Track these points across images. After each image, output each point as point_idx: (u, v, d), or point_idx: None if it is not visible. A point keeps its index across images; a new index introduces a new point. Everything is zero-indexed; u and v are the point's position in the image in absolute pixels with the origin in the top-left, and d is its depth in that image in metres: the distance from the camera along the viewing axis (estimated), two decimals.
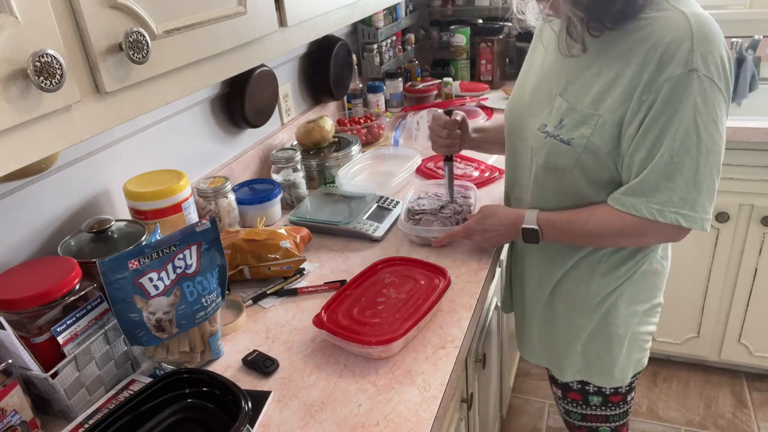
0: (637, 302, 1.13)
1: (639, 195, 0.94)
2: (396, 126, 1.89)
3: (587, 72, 0.99)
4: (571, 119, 0.99)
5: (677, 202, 0.92)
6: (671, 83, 0.89)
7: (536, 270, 1.19)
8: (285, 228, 1.27)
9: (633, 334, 1.14)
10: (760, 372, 2.15)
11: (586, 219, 1.02)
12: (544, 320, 1.21)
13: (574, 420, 1.31)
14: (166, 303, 0.89)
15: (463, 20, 2.43)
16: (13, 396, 0.81)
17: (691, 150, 0.90)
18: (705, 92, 0.88)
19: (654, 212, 0.93)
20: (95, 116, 0.66)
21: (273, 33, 0.99)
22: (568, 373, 1.20)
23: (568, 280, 1.13)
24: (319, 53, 1.87)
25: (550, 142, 1.01)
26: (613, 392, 1.21)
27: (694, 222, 0.93)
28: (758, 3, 2.20)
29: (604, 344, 1.14)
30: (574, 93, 1.00)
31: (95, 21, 0.63)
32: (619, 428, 1.29)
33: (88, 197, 1.14)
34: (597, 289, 1.11)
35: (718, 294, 1.99)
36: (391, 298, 1.05)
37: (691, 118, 0.89)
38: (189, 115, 1.39)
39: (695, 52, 0.88)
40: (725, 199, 1.86)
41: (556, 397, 1.32)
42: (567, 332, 1.17)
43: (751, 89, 2.09)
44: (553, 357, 1.23)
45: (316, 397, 0.90)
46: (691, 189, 0.91)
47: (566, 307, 1.15)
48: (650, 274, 1.12)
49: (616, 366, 1.16)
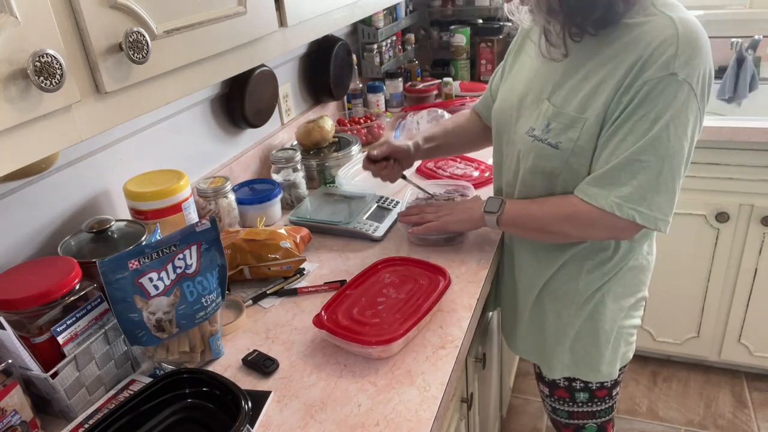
0: (624, 297, 1.15)
1: (602, 186, 0.96)
2: (396, 126, 1.90)
3: (575, 76, 1.00)
4: (558, 123, 1.00)
5: (637, 199, 0.94)
6: (650, 85, 0.90)
7: (526, 270, 1.20)
8: (285, 228, 1.27)
9: (619, 328, 1.16)
10: (760, 372, 2.15)
11: (544, 200, 1.05)
12: (533, 318, 1.22)
13: (560, 418, 1.32)
14: (166, 303, 0.89)
15: (463, 20, 2.43)
16: (13, 396, 0.81)
17: (657, 151, 0.91)
18: (679, 96, 0.90)
19: (613, 206, 0.95)
20: (95, 116, 0.66)
21: (273, 33, 0.99)
22: (557, 370, 1.22)
23: (556, 279, 1.15)
24: (319, 53, 1.87)
25: (538, 145, 1.03)
26: (599, 387, 1.23)
27: (648, 220, 0.94)
28: (758, 3, 2.20)
29: (592, 340, 1.16)
30: (561, 97, 1.01)
31: (95, 21, 0.63)
32: (605, 425, 1.31)
33: (88, 197, 1.14)
34: (585, 285, 1.12)
35: (718, 294, 2.00)
36: (391, 298, 1.05)
37: (664, 121, 0.91)
38: (189, 115, 1.39)
39: (678, 57, 0.89)
40: (725, 199, 1.86)
41: (543, 395, 1.33)
42: (555, 329, 1.18)
43: (751, 89, 2.09)
44: (542, 353, 1.24)
45: (316, 397, 0.90)
46: (652, 188, 0.93)
47: (555, 304, 1.17)
48: (636, 269, 1.14)
49: (603, 361, 1.17)
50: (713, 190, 1.86)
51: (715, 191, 1.86)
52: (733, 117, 1.88)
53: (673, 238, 1.94)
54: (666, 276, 2.00)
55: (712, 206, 1.87)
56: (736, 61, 2.08)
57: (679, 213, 1.91)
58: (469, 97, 2.20)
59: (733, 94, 2.11)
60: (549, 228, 1.05)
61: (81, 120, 0.64)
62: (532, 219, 1.07)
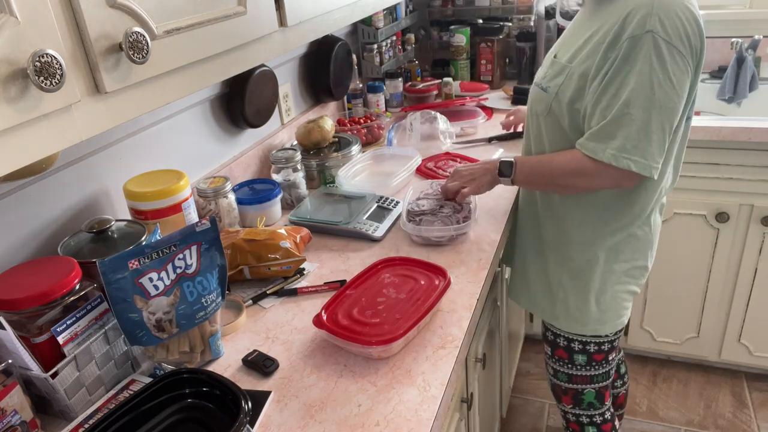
0: (617, 261, 1.24)
1: (598, 141, 1.06)
2: (390, 127, 1.91)
3: (577, 35, 1.15)
4: (553, 71, 1.16)
5: (630, 149, 1.03)
6: (630, 42, 1.00)
7: (529, 228, 1.35)
8: (285, 228, 1.27)
9: (612, 291, 1.27)
10: (760, 372, 2.15)
11: (552, 157, 1.17)
12: (532, 269, 1.35)
13: (561, 381, 1.41)
14: (166, 303, 0.89)
15: (463, 20, 2.43)
16: (13, 396, 0.81)
17: (643, 103, 1.01)
18: (661, 52, 0.99)
19: (610, 157, 1.04)
20: (95, 116, 0.66)
21: (273, 33, 0.99)
22: (548, 314, 1.34)
23: (556, 235, 1.28)
24: (319, 53, 1.87)
25: (536, 90, 1.21)
26: (597, 350, 1.33)
27: (643, 168, 1.04)
28: (758, 3, 2.20)
29: (581, 295, 1.27)
30: (563, 51, 1.16)
31: (95, 21, 0.63)
32: (602, 390, 1.40)
33: (88, 197, 1.14)
34: (579, 243, 1.24)
35: (718, 294, 1.99)
36: (391, 298, 1.05)
37: (646, 75, 1.00)
38: (189, 115, 1.39)
39: (653, 16, 0.99)
40: (725, 199, 1.86)
41: (546, 356, 1.44)
42: (550, 280, 1.31)
43: (751, 89, 2.09)
44: (537, 301, 1.36)
45: (316, 397, 0.90)
46: (642, 138, 1.02)
47: (552, 257, 1.30)
48: (633, 237, 1.23)
49: (591, 317, 1.28)
50: (713, 190, 1.86)
51: (715, 191, 1.86)
52: (733, 117, 1.88)
53: (673, 238, 1.94)
54: (666, 276, 2.00)
55: (712, 206, 1.87)
56: (736, 61, 2.08)
57: (679, 213, 1.91)
58: (469, 97, 2.20)
59: (733, 94, 2.10)
60: (558, 182, 1.16)
61: (81, 120, 0.64)
62: (542, 176, 1.18)
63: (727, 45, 2.12)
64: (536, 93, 1.21)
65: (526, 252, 1.37)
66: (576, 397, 1.41)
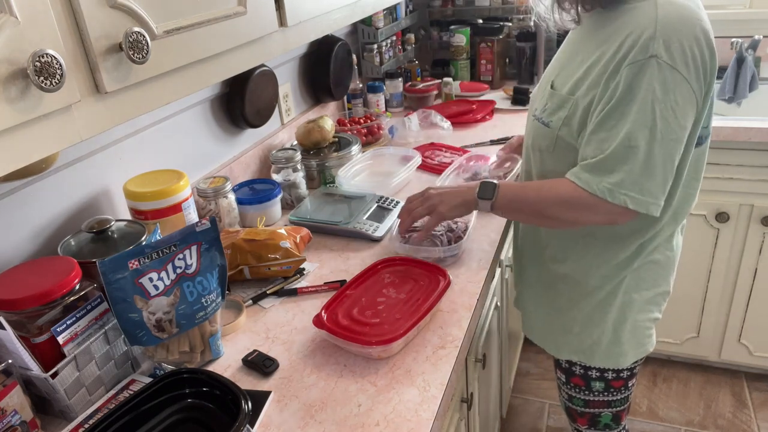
0: (638, 290, 1.14)
1: (595, 173, 0.96)
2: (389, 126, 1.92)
3: (575, 60, 1.05)
4: (553, 103, 1.06)
5: (628, 185, 0.94)
6: (632, 68, 0.92)
7: (544, 258, 1.21)
8: (285, 228, 1.27)
9: (633, 320, 1.16)
10: (760, 372, 2.15)
11: (541, 185, 1.06)
12: (546, 301, 1.23)
13: (577, 406, 1.32)
14: (166, 303, 0.89)
15: (463, 20, 2.43)
16: (13, 396, 0.81)
17: (645, 135, 0.92)
18: (665, 79, 0.91)
19: (605, 191, 0.95)
20: (95, 116, 0.66)
21: (273, 33, 0.99)
22: (564, 352, 1.23)
23: (572, 266, 1.15)
24: (319, 53, 1.87)
25: (536, 124, 1.10)
26: (615, 377, 1.22)
27: (640, 205, 0.95)
28: (758, 3, 2.20)
29: (601, 328, 1.16)
30: (561, 79, 1.07)
31: (95, 21, 0.63)
32: (619, 413, 1.31)
33: (88, 197, 1.14)
34: (599, 276, 1.13)
35: (718, 294, 1.99)
36: (391, 298, 1.05)
37: (648, 104, 0.91)
38: (189, 115, 1.39)
39: (657, 39, 0.90)
40: (725, 199, 1.86)
41: (559, 383, 1.33)
42: (566, 314, 1.19)
43: (751, 89, 2.09)
44: (551, 336, 1.25)
45: (316, 397, 0.90)
46: (643, 173, 0.93)
47: (568, 288, 1.18)
48: (654, 264, 1.14)
49: (612, 350, 1.17)
50: (713, 190, 1.86)
51: (715, 191, 1.86)
52: (733, 117, 1.88)
53: None
54: None
55: (712, 206, 1.87)
56: (736, 61, 2.08)
57: None
58: (469, 98, 2.20)
59: (733, 94, 2.10)
60: (544, 212, 1.05)
61: (81, 120, 0.64)
62: (527, 204, 1.07)
63: (727, 45, 2.12)
64: (537, 128, 1.09)
65: (534, 285, 1.26)
66: (592, 419, 1.33)
